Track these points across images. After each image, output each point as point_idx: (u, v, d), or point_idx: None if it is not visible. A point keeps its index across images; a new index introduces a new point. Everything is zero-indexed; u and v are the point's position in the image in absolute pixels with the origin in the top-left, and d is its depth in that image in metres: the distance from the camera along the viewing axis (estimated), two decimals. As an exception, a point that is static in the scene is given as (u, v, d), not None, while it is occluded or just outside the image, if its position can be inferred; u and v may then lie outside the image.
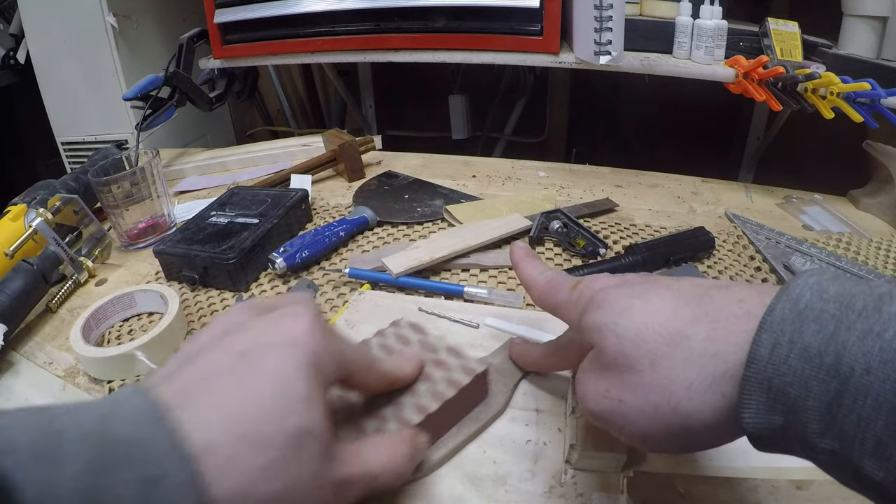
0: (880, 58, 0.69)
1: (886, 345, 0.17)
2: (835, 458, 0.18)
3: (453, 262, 0.54)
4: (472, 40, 0.80)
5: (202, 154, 0.91)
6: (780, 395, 0.19)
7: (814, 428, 0.18)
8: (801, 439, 0.19)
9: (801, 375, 0.18)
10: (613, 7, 0.64)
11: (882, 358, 0.17)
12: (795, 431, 0.19)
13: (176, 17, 1.12)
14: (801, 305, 0.19)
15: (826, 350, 0.18)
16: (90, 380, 0.44)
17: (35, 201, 0.60)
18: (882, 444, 0.16)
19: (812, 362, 0.18)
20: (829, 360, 0.18)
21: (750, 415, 0.20)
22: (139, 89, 0.81)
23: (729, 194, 0.71)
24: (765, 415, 0.19)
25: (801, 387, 0.18)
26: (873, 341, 0.17)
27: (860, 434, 0.17)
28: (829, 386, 0.17)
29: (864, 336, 0.17)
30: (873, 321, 0.17)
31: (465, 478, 0.31)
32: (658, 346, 0.22)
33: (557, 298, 0.29)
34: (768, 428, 0.19)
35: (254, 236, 0.55)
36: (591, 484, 0.30)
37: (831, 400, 0.17)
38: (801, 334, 0.18)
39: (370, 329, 0.43)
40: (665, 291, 0.24)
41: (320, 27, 0.85)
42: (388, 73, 1.38)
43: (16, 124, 1.32)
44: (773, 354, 0.19)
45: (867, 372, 0.17)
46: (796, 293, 0.20)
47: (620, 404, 0.23)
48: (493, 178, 0.77)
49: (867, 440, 0.17)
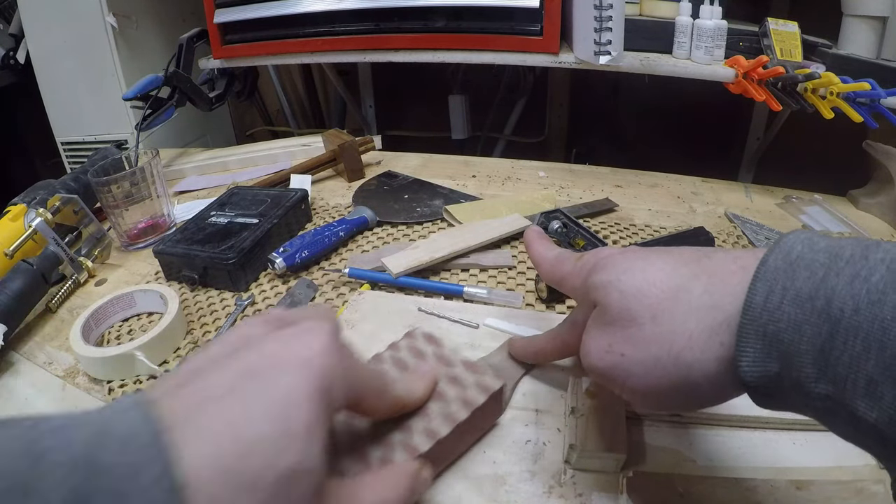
0: (880, 58, 0.69)
1: (873, 287, 0.17)
2: (829, 403, 0.18)
3: (453, 262, 0.54)
4: (472, 40, 0.80)
5: (202, 154, 0.91)
6: (775, 341, 0.19)
7: (808, 372, 0.18)
8: (797, 385, 0.19)
9: (794, 320, 0.19)
10: (613, 7, 0.64)
11: (870, 299, 0.17)
12: (791, 378, 0.19)
13: (176, 17, 1.12)
14: (792, 256, 0.20)
15: (817, 294, 0.18)
16: (90, 380, 0.44)
17: (35, 201, 0.60)
18: (873, 383, 0.17)
19: (804, 307, 0.19)
20: (820, 303, 0.18)
21: (747, 363, 0.20)
22: (139, 89, 0.81)
23: (729, 194, 0.71)
24: (762, 362, 0.20)
25: (795, 331, 0.19)
26: (860, 284, 0.18)
27: (852, 374, 0.17)
28: (821, 329, 0.18)
29: (852, 280, 0.18)
30: (860, 266, 0.18)
31: (465, 478, 0.31)
32: (659, 301, 0.23)
33: (564, 269, 0.31)
34: (765, 375, 0.20)
35: (254, 236, 0.55)
36: (590, 484, 0.30)
37: (823, 342, 0.18)
38: (792, 281, 0.19)
39: (370, 328, 0.43)
40: (666, 255, 0.25)
41: (320, 27, 0.86)
42: (388, 73, 1.38)
43: (16, 124, 1.33)
44: (767, 302, 0.19)
45: (856, 313, 0.17)
46: (788, 245, 0.20)
47: (623, 358, 0.24)
48: (492, 178, 0.77)
49: (859, 380, 0.17)
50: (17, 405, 0.42)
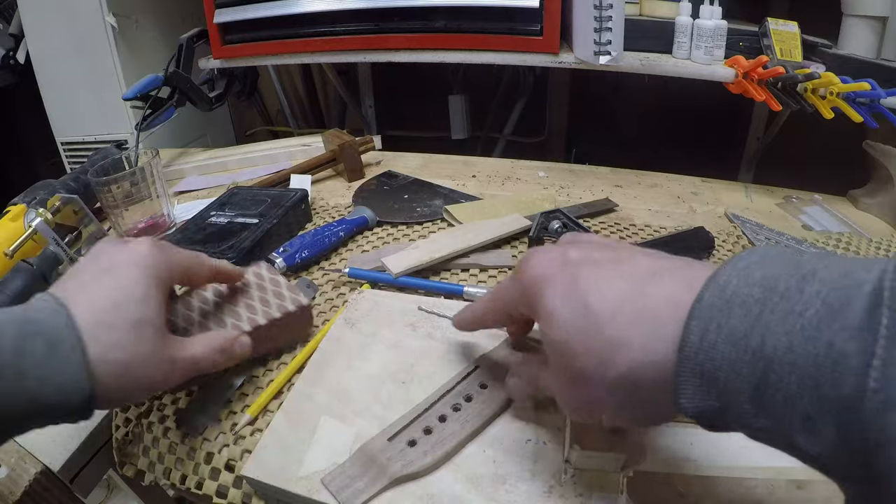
0: (880, 58, 0.69)
1: (807, 323, 0.17)
2: (773, 435, 0.19)
3: (453, 262, 0.54)
4: (472, 40, 0.80)
5: (202, 154, 0.91)
6: (711, 380, 0.19)
7: (746, 409, 0.18)
8: (737, 418, 0.19)
9: (729, 359, 0.19)
10: (613, 7, 0.64)
11: (804, 336, 0.17)
12: (731, 412, 0.19)
13: (176, 17, 1.12)
14: (727, 292, 0.20)
15: (751, 333, 0.18)
16: (90, 380, 0.44)
17: (35, 201, 0.60)
18: (810, 419, 0.17)
19: (738, 345, 0.18)
20: (755, 342, 0.18)
21: (686, 399, 0.20)
22: (139, 89, 0.81)
23: (729, 194, 0.71)
24: (700, 398, 0.20)
25: (730, 370, 0.19)
26: (794, 320, 0.17)
27: (788, 411, 0.17)
28: (756, 367, 0.18)
29: (786, 316, 0.18)
30: (795, 301, 0.18)
31: (465, 477, 0.31)
32: (603, 324, 0.23)
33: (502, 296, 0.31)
34: (705, 411, 0.20)
35: (253, 236, 0.55)
36: (590, 484, 0.30)
37: (759, 380, 0.18)
38: (727, 319, 0.19)
39: (370, 328, 0.43)
40: (606, 282, 0.24)
41: (320, 27, 0.85)
42: (387, 73, 1.38)
43: (16, 124, 1.33)
44: (702, 341, 0.19)
45: (790, 350, 0.17)
46: (724, 280, 0.20)
47: (595, 401, 0.24)
48: (492, 178, 0.77)
49: (795, 417, 0.17)
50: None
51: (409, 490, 0.30)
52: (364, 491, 0.30)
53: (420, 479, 0.31)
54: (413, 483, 0.30)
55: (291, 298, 0.42)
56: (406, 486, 0.30)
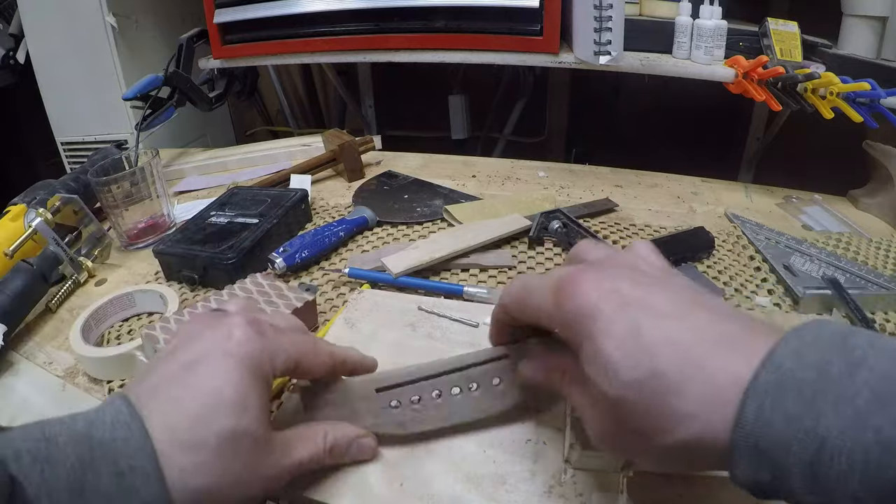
0: (880, 58, 0.69)
1: (858, 409, 0.18)
2: None
3: (453, 262, 0.54)
4: (472, 40, 0.80)
5: (202, 154, 0.91)
6: (765, 456, 0.20)
7: (798, 484, 0.19)
8: (789, 493, 0.20)
9: (783, 438, 0.20)
10: (613, 7, 0.64)
11: (855, 422, 0.18)
12: (783, 486, 0.20)
13: (176, 17, 1.12)
14: (783, 375, 0.20)
15: (806, 415, 0.19)
16: (90, 380, 0.44)
17: (35, 201, 0.60)
18: (859, 500, 0.18)
19: (792, 425, 0.19)
20: (809, 423, 0.19)
21: (740, 471, 0.21)
22: (139, 89, 0.81)
23: (729, 194, 0.71)
24: (753, 472, 0.21)
25: (784, 448, 0.20)
26: (846, 406, 0.19)
27: (839, 490, 0.18)
28: (809, 447, 0.19)
29: (837, 401, 0.19)
30: (846, 387, 0.19)
31: (465, 477, 0.31)
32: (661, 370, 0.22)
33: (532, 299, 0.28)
34: (758, 482, 0.21)
35: (253, 236, 0.55)
36: (590, 484, 0.30)
37: (812, 458, 0.19)
38: (782, 400, 0.20)
39: (370, 328, 0.43)
40: (681, 321, 0.23)
41: (320, 27, 0.85)
42: (387, 74, 1.38)
43: (16, 124, 1.32)
44: (757, 419, 0.20)
45: (841, 434, 0.18)
46: (779, 360, 0.21)
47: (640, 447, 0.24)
48: (492, 178, 0.77)
49: (846, 496, 0.18)
50: (17, 405, 0.42)
51: (408, 490, 0.30)
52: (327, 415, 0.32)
53: (420, 479, 0.31)
54: (413, 483, 0.30)
55: (295, 297, 0.44)
56: (406, 487, 0.30)
